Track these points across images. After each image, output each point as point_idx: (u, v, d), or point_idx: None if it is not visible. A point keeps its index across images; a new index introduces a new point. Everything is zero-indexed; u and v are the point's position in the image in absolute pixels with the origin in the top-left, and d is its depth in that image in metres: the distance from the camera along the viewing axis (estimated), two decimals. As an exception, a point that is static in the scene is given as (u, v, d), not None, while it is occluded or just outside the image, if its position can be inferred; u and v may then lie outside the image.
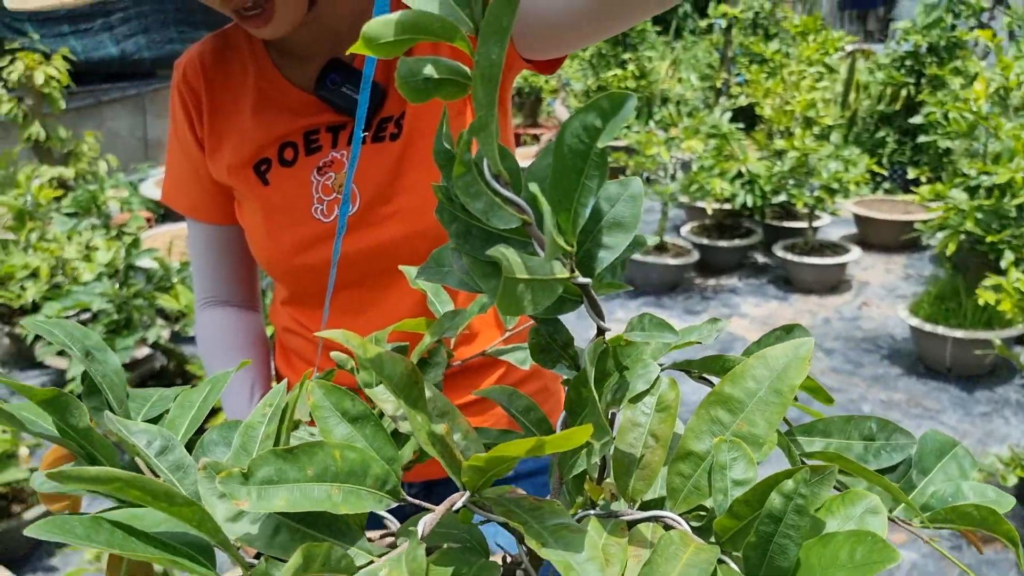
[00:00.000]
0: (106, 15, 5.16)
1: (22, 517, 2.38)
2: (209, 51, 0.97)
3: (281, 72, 0.94)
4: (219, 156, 0.95)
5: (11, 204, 3.20)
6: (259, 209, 0.93)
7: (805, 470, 0.45)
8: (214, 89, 0.96)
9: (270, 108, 0.93)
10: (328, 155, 0.92)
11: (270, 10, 0.82)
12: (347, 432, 0.48)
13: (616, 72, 6.00)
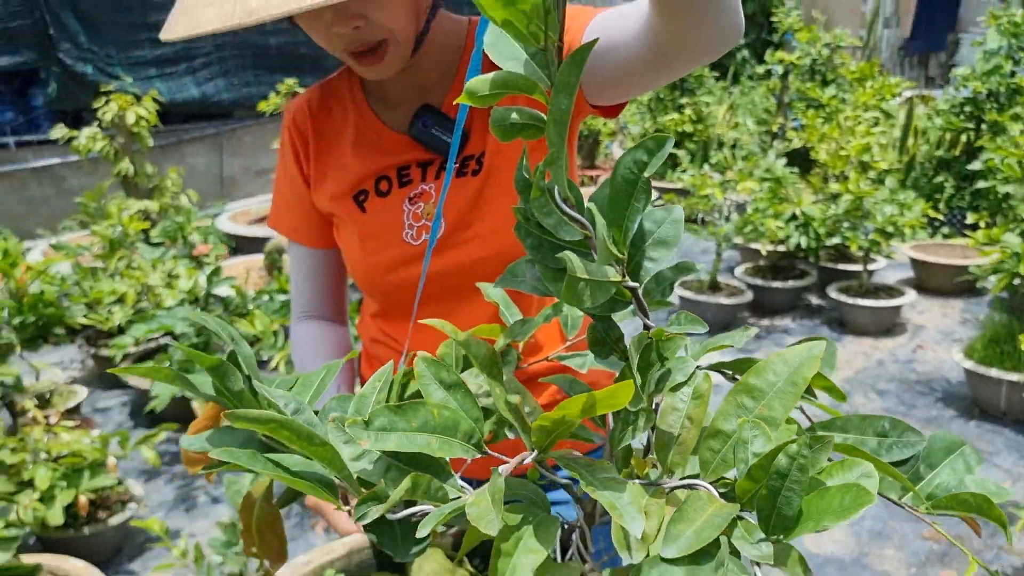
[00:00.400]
0: (190, 60, 5.50)
1: (107, 523, 2.55)
2: (315, 98, 1.13)
3: (377, 116, 1.09)
4: (323, 187, 1.10)
5: (103, 234, 3.44)
6: (356, 233, 1.08)
7: (806, 437, 0.56)
8: (320, 130, 1.11)
9: (368, 146, 1.08)
10: (418, 187, 1.06)
11: (382, 52, 0.95)
12: (443, 396, 0.60)
13: (673, 116, 6.13)
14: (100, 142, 4.04)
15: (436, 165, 1.06)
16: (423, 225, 1.05)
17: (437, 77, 1.07)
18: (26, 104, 5.10)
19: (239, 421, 0.55)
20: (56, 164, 5.08)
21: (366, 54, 0.95)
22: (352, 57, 0.97)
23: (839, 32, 5.97)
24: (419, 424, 0.57)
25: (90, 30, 5.08)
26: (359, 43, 0.94)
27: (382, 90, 1.09)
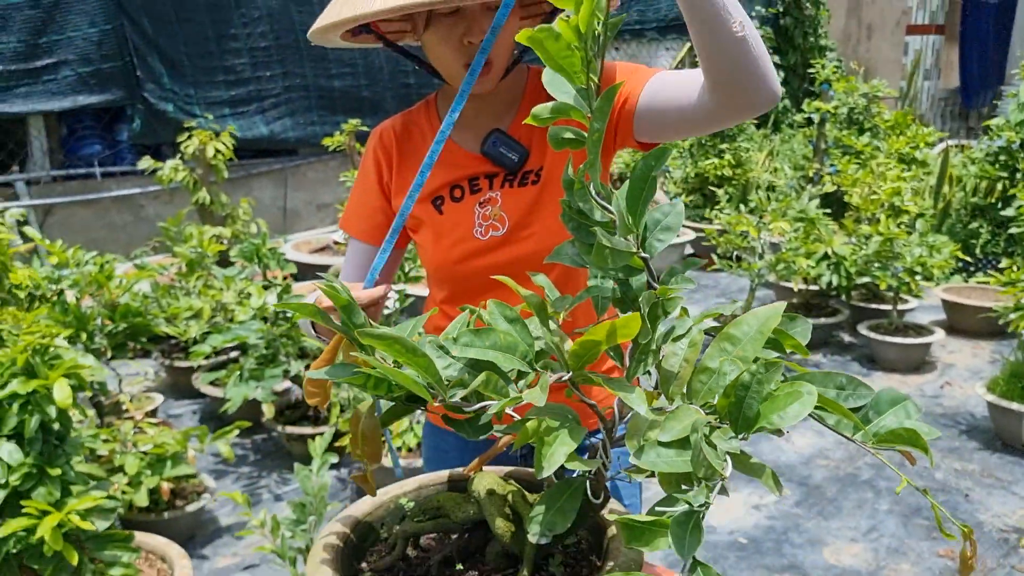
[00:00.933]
0: (260, 100, 5.92)
1: (184, 509, 2.83)
2: (399, 124, 1.40)
3: (452, 139, 1.36)
4: (404, 194, 1.37)
5: (184, 254, 3.79)
6: (433, 231, 1.34)
7: (763, 362, 0.81)
8: (402, 149, 1.38)
9: (443, 161, 1.34)
10: (487, 194, 1.33)
11: (487, 69, 1.23)
12: (506, 327, 0.86)
13: (713, 161, 6.38)
14: (181, 173, 4.42)
15: (501, 176, 1.32)
16: (491, 224, 1.32)
17: (503, 108, 1.34)
18: (112, 138, 5.54)
19: (367, 338, 0.81)
20: (136, 193, 5.50)
21: (480, 69, 1.18)
22: (467, 68, 1.19)
23: (876, 83, 6.19)
24: (490, 343, 0.83)
25: (172, 72, 5.52)
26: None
27: (461, 119, 1.35)
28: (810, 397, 0.83)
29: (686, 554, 0.74)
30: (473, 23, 1.20)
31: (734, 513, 3.10)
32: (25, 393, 2.08)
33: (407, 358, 0.84)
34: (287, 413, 3.56)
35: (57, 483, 2.10)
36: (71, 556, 2.03)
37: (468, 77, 1.11)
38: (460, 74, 1.25)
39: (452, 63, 1.25)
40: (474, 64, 1.09)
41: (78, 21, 5.18)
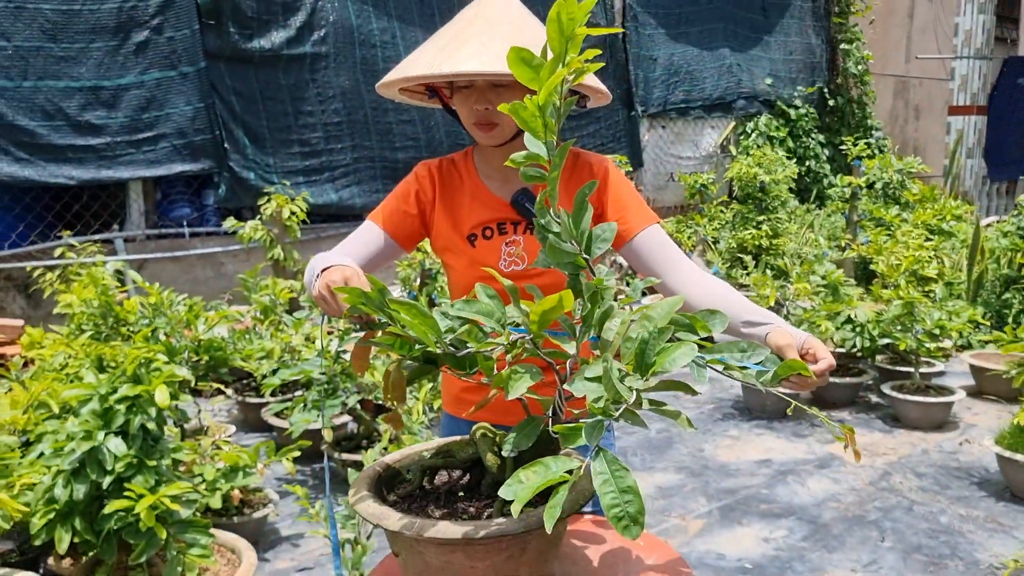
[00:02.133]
0: (331, 170, 6.52)
1: (251, 516, 3.24)
2: (443, 164, 1.77)
3: (484, 184, 1.75)
4: (444, 223, 1.73)
5: (260, 301, 4.29)
6: (467, 259, 1.71)
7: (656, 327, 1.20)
8: (444, 184, 1.76)
9: (478, 205, 1.73)
10: (511, 237, 1.71)
11: (491, 128, 1.61)
12: (487, 300, 1.26)
13: (751, 231, 6.73)
14: (260, 231, 4.97)
15: (523, 224, 1.71)
16: (513, 260, 1.71)
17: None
18: (200, 202, 6.18)
19: (395, 304, 1.22)
20: (217, 252, 6.10)
21: (484, 126, 1.62)
22: (476, 126, 1.62)
23: (910, 160, 6.50)
24: (475, 310, 1.24)
25: (255, 144, 6.17)
26: (483, 119, 1.61)
27: (488, 168, 1.75)
28: (691, 349, 1.22)
29: (592, 443, 1.11)
30: (481, 94, 1.60)
31: (744, 544, 3.36)
32: (132, 396, 2.53)
33: (419, 319, 1.24)
34: (343, 443, 3.97)
35: (152, 473, 2.53)
36: (161, 533, 2.45)
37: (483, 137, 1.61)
38: (472, 130, 1.65)
39: (466, 121, 1.65)
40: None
41: (176, 100, 5.88)
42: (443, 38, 1.59)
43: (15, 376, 3.47)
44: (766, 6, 9.34)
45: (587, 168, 1.75)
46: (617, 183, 1.73)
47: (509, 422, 1.45)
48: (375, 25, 6.67)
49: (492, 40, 1.53)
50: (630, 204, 1.72)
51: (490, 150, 1.72)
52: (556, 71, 1.17)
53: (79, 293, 3.97)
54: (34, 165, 5.37)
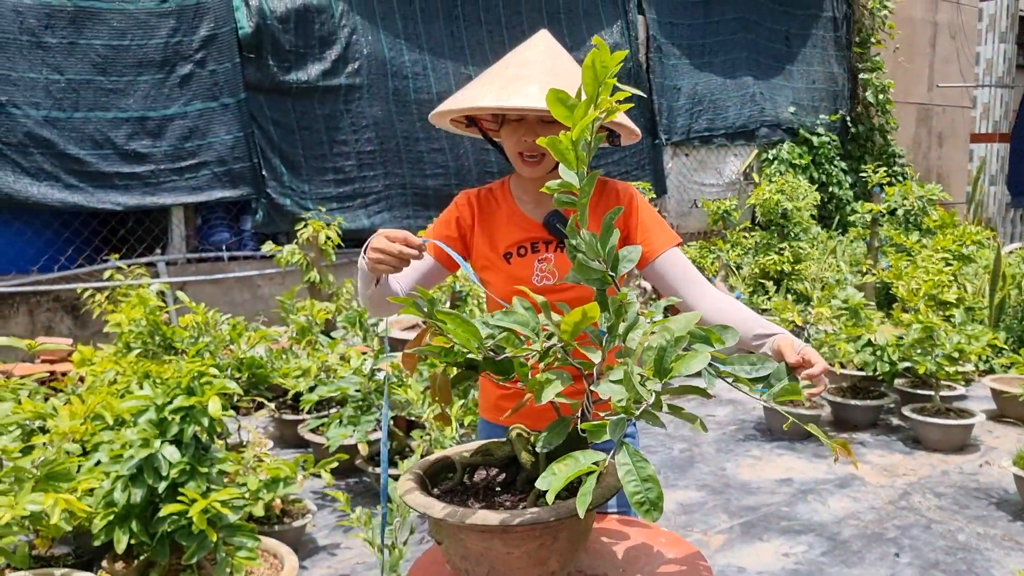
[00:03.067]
0: (364, 196, 6.75)
1: (291, 525, 3.40)
2: (482, 193, 1.96)
3: (519, 208, 1.93)
4: (483, 243, 1.91)
5: (297, 322, 4.48)
6: (503, 275, 1.89)
7: (674, 336, 1.36)
8: (483, 209, 1.94)
9: (513, 226, 1.91)
10: (544, 255, 1.88)
11: (537, 162, 1.80)
12: (523, 312, 1.42)
13: (773, 257, 6.85)
14: (297, 255, 5.18)
15: (555, 244, 1.89)
16: (545, 275, 1.88)
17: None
18: (238, 227, 6.42)
19: (440, 315, 1.38)
20: (254, 275, 6.32)
21: (529, 159, 1.81)
22: (521, 158, 1.81)
23: (931, 186, 6.60)
24: (512, 320, 1.40)
25: (291, 172, 6.41)
26: (530, 150, 1.80)
27: (523, 194, 1.93)
28: (704, 357, 1.37)
29: (615, 437, 1.27)
30: (530, 128, 1.79)
31: (764, 559, 3.46)
32: (186, 407, 2.71)
33: (463, 327, 1.40)
34: (377, 459, 4.13)
35: (204, 479, 2.70)
36: (211, 535, 2.62)
37: (528, 169, 1.84)
38: (516, 160, 1.83)
39: (511, 152, 1.83)
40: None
41: (217, 130, 6.14)
42: (502, 77, 1.76)
43: (71, 390, 3.67)
44: (789, 36, 9.52)
45: (614, 195, 1.91)
46: (642, 209, 1.91)
47: (541, 427, 1.59)
48: (407, 57, 6.91)
49: (550, 79, 1.70)
50: (653, 228, 1.88)
51: (522, 180, 1.91)
52: (588, 112, 1.34)
53: (128, 313, 4.18)
54: (83, 191, 5.64)
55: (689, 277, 1.86)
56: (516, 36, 7.45)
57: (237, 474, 3.35)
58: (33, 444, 2.86)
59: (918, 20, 10.87)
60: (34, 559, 3.10)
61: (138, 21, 5.82)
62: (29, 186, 5.47)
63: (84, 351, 3.98)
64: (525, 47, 1.84)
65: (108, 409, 3.14)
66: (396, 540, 2.72)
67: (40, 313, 5.62)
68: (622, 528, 1.80)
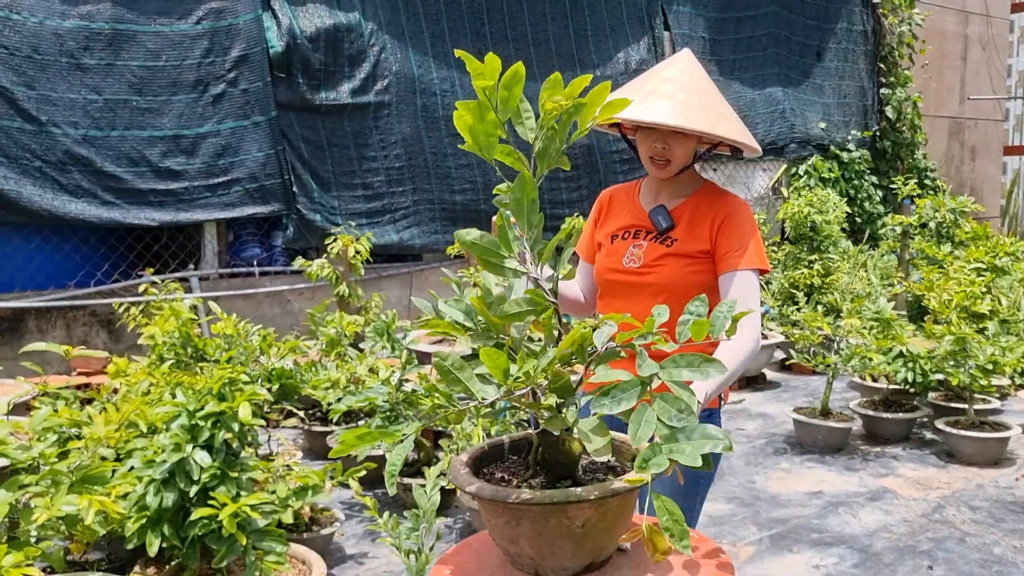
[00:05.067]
0: (392, 212, 6.82)
1: (319, 532, 3.43)
2: (616, 190, 2.26)
3: (640, 201, 2.17)
4: (605, 225, 2.20)
5: (327, 334, 4.53)
6: (605, 252, 2.13)
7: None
8: (612, 205, 2.25)
9: (627, 214, 2.18)
10: (640, 241, 2.10)
11: (664, 165, 2.04)
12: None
13: (803, 271, 6.80)
14: (327, 269, 5.25)
15: (653, 233, 2.10)
16: (633, 259, 2.08)
17: (677, 194, 2.13)
18: (269, 243, 6.51)
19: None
20: (284, 290, 6.40)
21: (658, 162, 2.05)
22: (651, 161, 2.05)
23: (962, 199, 6.53)
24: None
25: (321, 188, 6.50)
26: (659, 155, 2.03)
27: (648, 191, 2.18)
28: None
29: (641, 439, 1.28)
30: (660, 137, 2.02)
31: (794, 571, 3.43)
32: (217, 412, 2.76)
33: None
34: (404, 469, 4.15)
35: (234, 484, 2.74)
36: (241, 539, 2.65)
37: (656, 172, 2.09)
38: (647, 163, 2.07)
39: (644, 155, 2.08)
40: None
41: (248, 147, 6.25)
42: (641, 90, 1.99)
43: (106, 399, 3.74)
44: (820, 51, 9.48)
45: (720, 206, 2.07)
46: (734, 226, 2.03)
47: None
48: (435, 75, 7.00)
49: (682, 97, 1.92)
50: (733, 246, 2.01)
51: (651, 179, 2.17)
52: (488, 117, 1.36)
53: (161, 326, 4.25)
54: (119, 208, 5.76)
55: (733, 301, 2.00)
56: (543, 53, 7.52)
57: (267, 482, 3.39)
58: (69, 449, 2.92)
59: (949, 33, 10.79)
60: (69, 564, 3.15)
61: (173, 43, 5.96)
62: (67, 203, 5.60)
63: (119, 363, 4.05)
64: (667, 64, 2.06)
65: (142, 417, 3.19)
66: (423, 545, 2.73)
67: (76, 327, 5.73)
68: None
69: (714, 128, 1.91)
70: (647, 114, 1.91)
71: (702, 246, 2.03)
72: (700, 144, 2.11)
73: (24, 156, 5.49)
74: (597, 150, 7.63)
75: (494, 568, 1.62)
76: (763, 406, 5.87)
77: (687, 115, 1.89)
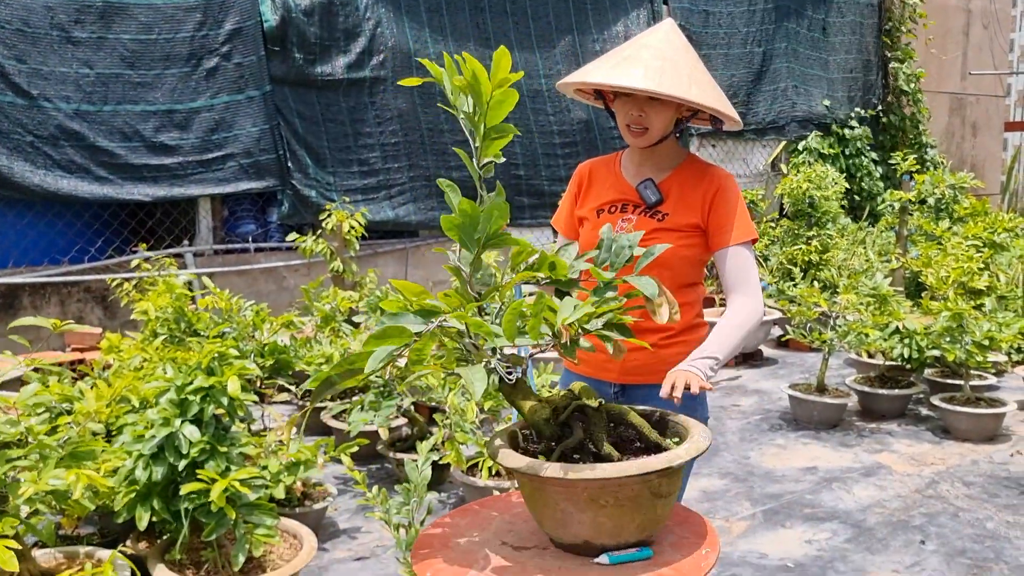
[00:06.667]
0: (388, 188, 6.77)
1: (311, 507, 3.43)
2: (596, 163, 2.22)
3: (622, 173, 2.13)
4: (587, 199, 2.15)
5: (321, 309, 4.51)
6: (590, 226, 2.08)
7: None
8: (592, 179, 2.19)
9: (612, 188, 2.11)
10: (628, 216, 2.07)
11: (642, 133, 2.01)
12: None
13: (800, 247, 6.76)
14: (321, 244, 5.22)
15: (642, 208, 2.07)
16: (623, 231, 2.02)
17: (661, 167, 2.10)
18: (264, 219, 6.48)
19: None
20: (280, 266, 6.38)
21: (635, 130, 2.01)
22: (628, 129, 2.02)
23: (962, 175, 6.48)
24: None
25: (316, 163, 6.46)
26: (636, 123, 2.00)
27: (628, 163, 2.16)
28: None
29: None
30: (636, 104, 1.99)
31: (787, 546, 3.43)
32: (206, 387, 2.74)
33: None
34: (397, 444, 4.15)
35: (223, 459, 2.73)
36: (230, 513, 2.64)
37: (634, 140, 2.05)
38: (624, 131, 2.04)
39: (621, 123, 2.05)
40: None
41: (243, 122, 6.19)
42: (618, 56, 1.97)
43: (98, 374, 3.73)
44: (826, 24, 9.35)
45: (708, 181, 2.06)
46: (724, 200, 2.03)
47: (605, 375, 2.12)
48: (432, 49, 6.93)
49: (657, 63, 1.89)
50: (727, 221, 2.02)
51: (632, 150, 2.13)
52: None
53: (154, 301, 4.23)
54: (112, 183, 5.72)
55: (732, 279, 2.01)
56: (542, 26, 7.44)
57: (259, 457, 3.38)
58: (58, 424, 2.91)
59: (951, 8, 10.67)
60: (60, 538, 3.15)
61: (165, 15, 5.89)
62: (60, 178, 5.56)
63: (112, 338, 4.03)
64: (648, 33, 2.02)
65: (133, 392, 3.18)
66: (413, 519, 2.73)
67: (71, 303, 5.71)
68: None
69: (686, 93, 1.87)
70: (620, 79, 1.89)
71: (693, 220, 2.03)
72: (679, 114, 2.07)
73: (16, 131, 5.44)
74: (595, 125, 7.56)
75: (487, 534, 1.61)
76: (759, 382, 5.86)
77: (659, 80, 1.86)
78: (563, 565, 1.46)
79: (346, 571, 3.26)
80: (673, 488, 1.51)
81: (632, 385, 2.11)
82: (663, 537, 1.56)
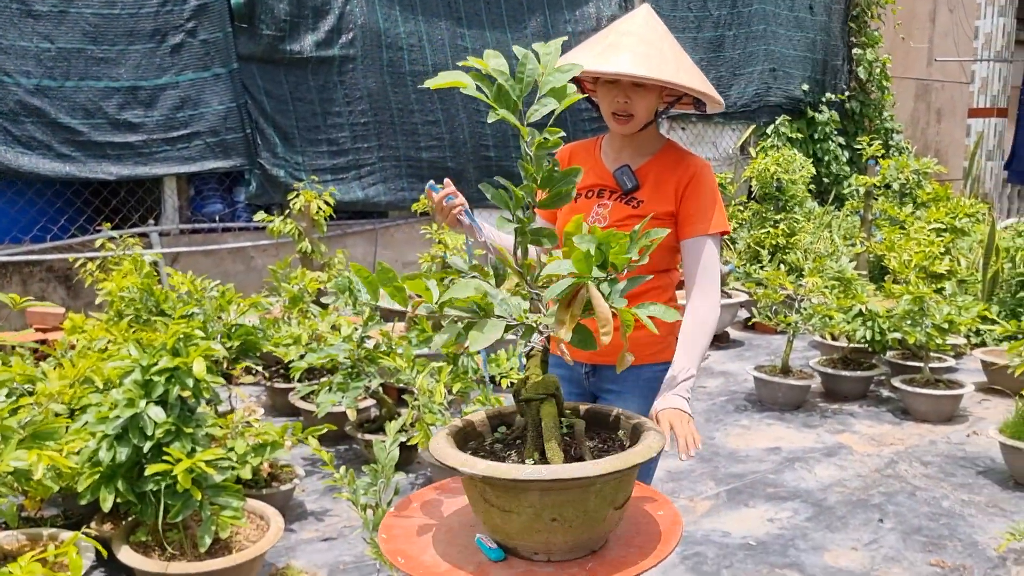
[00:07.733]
0: (358, 168, 6.73)
1: (279, 489, 3.42)
2: (578, 147, 2.21)
3: (602, 158, 2.14)
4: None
5: (289, 290, 4.49)
6: (567, 210, 2.09)
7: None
8: (573, 156, 2.20)
9: (590, 172, 2.11)
10: (604, 201, 2.08)
11: (627, 120, 2.01)
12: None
13: (768, 230, 6.83)
14: (289, 225, 5.18)
15: (618, 194, 2.08)
16: (598, 218, 2.06)
17: (639, 153, 2.10)
18: (231, 199, 6.40)
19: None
20: (248, 246, 6.32)
21: (620, 117, 2.01)
22: (613, 117, 2.02)
23: (925, 160, 6.58)
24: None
25: (285, 142, 6.39)
26: (621, 110, 2.00)
27: (609, 148, 2.16)
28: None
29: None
30: (621, 91, 1.99)
31: (749, 524, 3.49)
32: (171, 368, 2.72)
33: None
34: (366, 425, 4.15)
35: (189, 440, 2.72)
36: (196, 495, 2.64)
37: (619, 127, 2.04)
38: (609, 118, 2.04)
39: (605, 111, 2.05)
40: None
41: (209, 99, 6.11)
42: (601, 43, 1.97)
43: (61, 355, 3.68)
44: (812, 5, 9.37)
45: (683, 168, 2.05)
46: (697, 189, 2.03)
47: (576, 357, 2.11)
48: (402, 29, 6.87)
49: (642, 49, 1.91)
50: (699, 210, 2.02)
51: (612, 135, 2.13)
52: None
53: (119, 281, 4.18)
54: (75, 161, 5.62)
55: (693, 271, 2.00)
56: (514, 6, 7.40)
57: (225, 438, 3.37)
58: (20, 404, 2.88)
59: (918, -6, 10.79)
60: (23, 520, 3.12)
61: (129, -11, 5.78)
62: (20, 155, 5.45)
63: (75, 319, 3.98)
64: (626, 19, 2.02)
65: (97, 373, 3.15)
66: (380, 500, 2.74)
67: (33, 283, 5.62)
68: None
69: (675, 77, 1.89)
70: (607, 65, 1.89)
71: (667, 207, 2.04)
72: (662, 100, 2.09)
73: (-26, 106, 5.32)
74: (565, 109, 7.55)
75: (452, 515, 1.63)
76: (725, 364, 5.94)
77: (648, 66, 1.88)
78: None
79: (313, 551, 3.26)
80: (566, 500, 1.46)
81: (602, 365, 2.14)
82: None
